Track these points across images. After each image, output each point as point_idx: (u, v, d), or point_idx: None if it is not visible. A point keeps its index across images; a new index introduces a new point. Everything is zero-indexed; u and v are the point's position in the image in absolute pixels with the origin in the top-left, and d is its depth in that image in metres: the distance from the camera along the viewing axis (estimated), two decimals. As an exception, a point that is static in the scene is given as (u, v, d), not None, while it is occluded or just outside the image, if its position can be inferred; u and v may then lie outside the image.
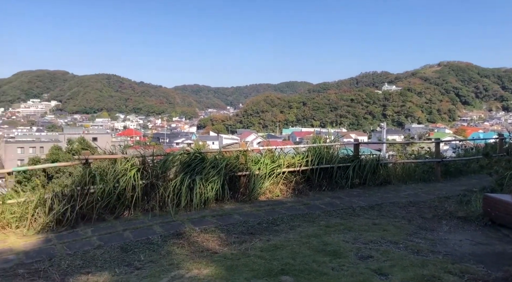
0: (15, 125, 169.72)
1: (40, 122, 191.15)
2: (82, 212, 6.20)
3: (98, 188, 6.35)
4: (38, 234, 5.74)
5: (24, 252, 5.06)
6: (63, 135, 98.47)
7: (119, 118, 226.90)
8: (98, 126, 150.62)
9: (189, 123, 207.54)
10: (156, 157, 7.31)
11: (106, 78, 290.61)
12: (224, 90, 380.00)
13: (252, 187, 7.51)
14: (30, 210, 5.97)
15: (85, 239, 5.47)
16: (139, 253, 4.88)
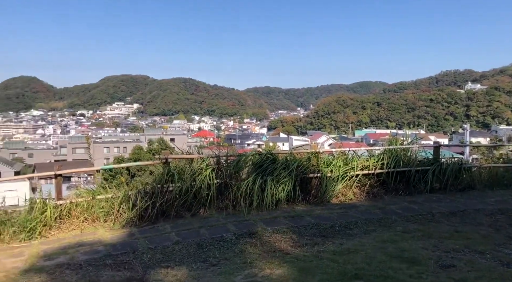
0: (102, 126, 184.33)
1: (123, 124, 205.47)
2: (162, 209, 6.56)
3: (176, 186, 6.68)
4: (123, 228, 6.18)
5: (111, 244, 5.48)
6: (144, 136, 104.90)
7: (194, 120, 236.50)
8: (175, 128, 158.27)
9: (259, 124, 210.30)
10: (230, 157, 7.51)
11: (182, 82, 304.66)
12: (294, 91, 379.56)
13: (324, 189, 7.42)
14: (116, 206, 6.45)
15: (164, 235, 5.79)
16: (214, 250, 5.05)
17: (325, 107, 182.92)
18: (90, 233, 6.06)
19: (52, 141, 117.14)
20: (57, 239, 5.86)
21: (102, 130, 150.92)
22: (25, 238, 5.84)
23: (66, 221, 6.30)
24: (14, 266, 4.82)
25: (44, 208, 6.17)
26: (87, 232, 6.11)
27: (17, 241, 5.81)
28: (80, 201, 6.48)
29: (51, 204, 6.27)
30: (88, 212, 6.43)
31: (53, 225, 6.18)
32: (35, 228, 5.94)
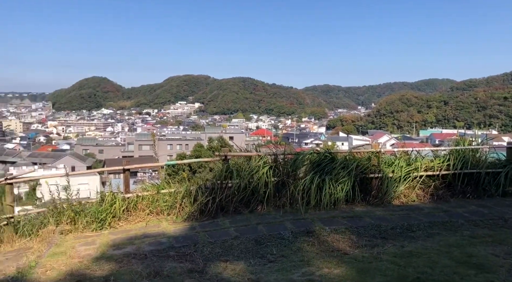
0: (165, 124, 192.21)
1: (185, 122, 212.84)
2: (221, 204, 6.74)
3: (235, 182, 6.84)
4: (185, 222, 6.44)
5: (173, 237, 5.74)
6: (204, 134, 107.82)
7: (252, 119, 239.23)
8: (234, 126, 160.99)
9: (318, 123, 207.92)
10: (287, 156, 7.53)
11: (241, 81, 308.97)
12: (355, 89, 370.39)
13: (385, 190, 7.20)
14: (179, 200, 6.73)
15: (223, 229, 5.95)
16: (271, 247, 5.11)
17: (387, 106, 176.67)
18: (155, 226, 6.37)
19: (121, 138, 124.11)
20: (125, 230, 6.24)
21: (166, 128, 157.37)
22: (96, 228, 6.28)
23: (133, 213, 6.69)
24: (87, 253, 5.21)
25: (113, 200, 6.59)
26: (151, 224, 6.44)
27: (90, 230, 6.26)
28: (146, 195, 6.84)
29: (120, 197, 6.68)
30: (153, 205, 6.78)
31: (121, 216, 6.58)
32: (105, 219, 6.36)
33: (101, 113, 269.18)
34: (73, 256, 5.10)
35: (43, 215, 6.63)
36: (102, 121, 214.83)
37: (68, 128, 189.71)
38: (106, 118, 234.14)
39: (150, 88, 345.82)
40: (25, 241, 6.20)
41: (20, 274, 4.62)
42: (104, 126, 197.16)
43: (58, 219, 6.40)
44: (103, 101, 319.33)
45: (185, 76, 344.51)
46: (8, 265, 5.12)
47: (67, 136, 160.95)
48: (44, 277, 4.49)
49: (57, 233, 5.99)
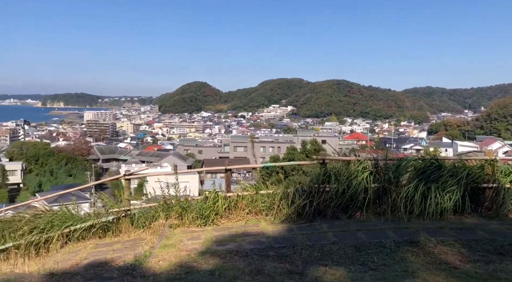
0: (259, 127, 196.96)
1: (278, 125, 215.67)
2: (318, 208, 6.72)
3: (333, 187, 6.76)
4: (282, 223, 6.55)
5: (272, 237, 5.87)
6: (297, 137, 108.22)
7: (346, 122, 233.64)
8: (327, 130, 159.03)
9: (418, 128, 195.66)
10: (388, 161, 7.24)
11: (336, 84, 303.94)
12: (461, 92, 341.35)
13: (501, 202, 6.54)
14: (277, 201, 6.87)
15: (321, 234, 5.93)
16: (372, 255, 4.96)
17: (500, 110, 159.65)
18: (254, 225, 6.59)
19: (217, 139, 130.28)
20: (226, 227, 6.55)
21: (259, 130, 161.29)
22: (201, 224, 6.68)
23: (233, 212, 6.99)
24: (193, 247, 5.58)
25: (216, 199, 6.96)
26: (250, 224, 6.67)
27: (195, 226, 6.69)
28: (246, 195, 7.11)
29: (222, 196, 7.03)
30: (252, 205, 7.01)
31: (223, 214, 6.92)
32: (208, 216, 6.75)
33: (200, 116, 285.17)
34: (181, 249, 5.50)
35: (155, 209, 7.25)
36: (201, 124, 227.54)
37: (171, 129, 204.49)
38: (205, 121, 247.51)
39: (245, 92, 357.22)
40: (140, 232, 6.84)
41: (137, 262, 5.12)
42: (203, 128, 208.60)
43: (167, 214, 6.96)
44: (203, 105, 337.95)
45: (279, 80, 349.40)
46: (127, 253, 5.71)
47: (170, 137, 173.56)
48: (157, 266, 4.92)
49: (167, 226, 6.51)
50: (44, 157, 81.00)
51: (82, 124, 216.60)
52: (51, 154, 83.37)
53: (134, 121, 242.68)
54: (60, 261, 5.71)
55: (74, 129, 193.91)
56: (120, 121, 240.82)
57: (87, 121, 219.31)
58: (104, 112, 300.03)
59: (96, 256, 5.75)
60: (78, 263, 5.48)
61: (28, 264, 6.08)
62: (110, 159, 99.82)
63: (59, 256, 6.08)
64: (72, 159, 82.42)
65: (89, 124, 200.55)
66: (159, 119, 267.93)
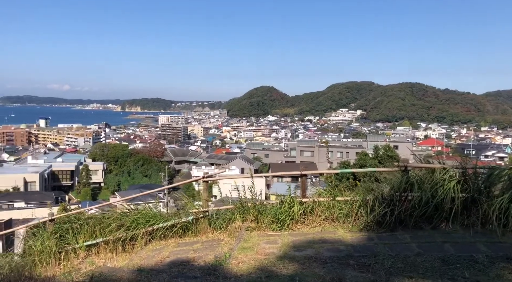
0: (326, 131, 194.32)
1: (346, 129, 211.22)
2: (400, 217, 6.42)
3: (415, 195, 6.43)
4: (361, 231, 6.35)
5: (351, 246, 5.71)
6: (366, 142, 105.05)
7: (420, 127, 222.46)
8: (399, 135, 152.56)
9: (502, 134, 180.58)
10: (477, 170, 6.73)
11: (409, 87, 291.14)
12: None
13: None
14: (355, 209, 6.68)
15: (404, 244, 5.65)
16: (462, 270, 4.63)
17: None
18: (330, 232, 6.46)
19: (284, 143, 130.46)
20: (302, 233, 6.49)
21: (326, 135, 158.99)
22: (276, 228, 6.69)
23: (309, 218, 6.91)
24: (271, 251, 5.60)
25: (292, 203, 6.93)
26: (327, 230, 6.55)
27: (270, 230, 6.71)
28: (322, 201, 7.00)
29: (297, 201, 6.99)
30: (328, 212, 6.89)
31: (298, 219, 6.87)
32: (284, 220, 6.74)
33: (267, 120, 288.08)
34: (259, 252, 5.54)
35: (231, 211, 7.40)
36: (268, 128, 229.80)
37: (239, 133, 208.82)
38: (271, 125, 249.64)
39: (312, 96, 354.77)
40: (217, 233, 7.02)
41: (218, 263, 5.24)
42: (270, 132, 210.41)
43: (244, 216, 7.06)
44: (270, 109, 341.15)
45: (347, 83, 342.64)
46: (207, 253, 5.88)
47: (238, 140, 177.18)
48: (236, 268, 5.01)
49: (244, 229, 6.61)
50: (123, 158, 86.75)
51: (157, 127, 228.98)
52: (129, 155, 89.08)
53: (204, 125, 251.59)
54: (145, 258, 6.03)
55: (149, 132, 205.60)
56: (191, 125, 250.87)
57: (161, 125, 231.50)
58: (176, 116, 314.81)
59: (178, 255, 5.98)
60: (162, 261, 5.74)
61: (116, 259, 6.49)
62: (182, 161, 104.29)
63: (144, 253, 6.43)
64: (148, 160, 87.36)
65: (163, 128, 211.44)
66: (227, 123, 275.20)
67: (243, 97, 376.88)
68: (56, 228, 7.08)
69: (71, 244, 6.98)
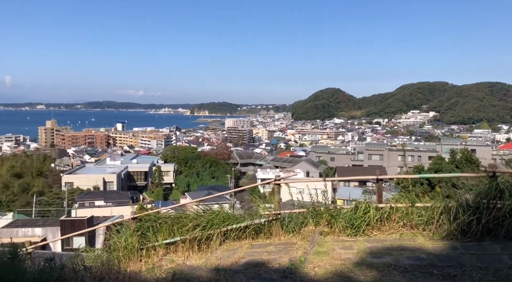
0: (396, 134, 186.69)
1: (418, 132, 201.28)
2: (488, 226, 5.96)
3: (506, 204, 5.93)
4: (443, 240, 5.98)
5: (433, 254, 5.40)
6: (440, 145, 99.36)
7: (501, 130, 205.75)
8: (476, 138, 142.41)
9: None
10: None
11: (488, 87, 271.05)
12: None
13: None
14: (436, 216, 6.31)
15: (494, 255, 5.23)
16: None
17: None
18: (409, 239, 6.16)
19: (350, 146, 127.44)
20: (379, 239, 6.26)
21: (396, 138, 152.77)
22: (351, 234, 6.52)
23: (385, 224, 6.65)
24: (347, 257, 5.46)
25: (367, 209, 6.72)
26: (406, 238, 6.25)
27: (345, 235, 6.56)
28: (399, 207, 6.71)
29: (373, 206, 6.76)
30: (406, 218, 6.58)
31: (374, 225, 6.64)
32: (359, 226, 6.54)
33: (333, 122, 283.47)
34: (335, 257, 5.43)
35: (303, 215, 7.34)
36: (333, 130, 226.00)
37: (303, 136, 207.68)
38: (337, 128, 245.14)
39: (381, 97, 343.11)
40: (290, 237, 7.01)
41: (293, 266, 5.22)
42: (335, 135, 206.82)
43: (317, 221, 6.97)
44: (335, 111, 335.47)
45: (419, 83, 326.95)
46: (281, 256, 5.88)
47: (302, 143, 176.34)
48: (312, 272, 4.95)
49: (317, 233, 6.52)
50: (192, 160, 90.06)
51: (224, 130, 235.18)
52: (198, 157, 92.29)
53: (269, 128, 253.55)
54: (221, 258, 6.18)
55: (216, 135, 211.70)
56: (256, 128, 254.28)
57: (227, 128, 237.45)
58: (242, 119, 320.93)
59: (252, 256, 6.05)
60: (237, 261, 5.85)
61: (193, 257, 6.73)
62: (247, 163, 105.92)
63: (219, 252, 6.59)
64: (215, 162, 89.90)
65: (229, 131, 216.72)
66: (292, 126, 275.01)
67: (308, 99, 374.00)
68: (138, 226, 7.51)
69: (151, 241, 7.35)
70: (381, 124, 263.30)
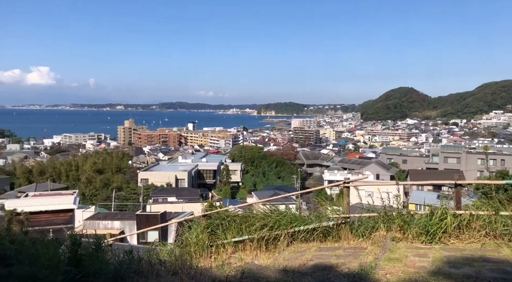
0: (475, 136, 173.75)
1: (501, 134, 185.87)
2: None
3: None
4: (532, 253, 5.46)
5: (521, 268, 4.95)
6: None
7: None
8: None
9: None
10: None
11: None
12: None
13: None
14: (525, 226, 5.78)
15: None
16: None
17: None
18: (493, 250, 5.70)
19: (424, 148, 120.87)
20: (457, 249, 5.86)
21: (476, 140, 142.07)
22: (426, 241, 6.17)
23: (464, 232, 6.22)
24: (421, 265, 5.18)
25: (444, 215, 6.33)
26: (488, 248, 5.79)
27: (419, 242, 6.22)
28: (481, 214, 6.23)
29: (451, 212, 6.35)
30: (489, 227, 6.09)
31: (452, 233, 6.23)
32: (435, 233, 6.18)
33: (405, 123, 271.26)
34: (408, 265, 5.18)
35: (374, 220, 7.10)
36: (406, 131, 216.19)
37: (373, 137, 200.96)
38: (410, 128, 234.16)
39: (459, 97, 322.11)
40: (359, 241, 6.80)
41: (363, 272, 5.06)
42: (408, 136, 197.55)
43: (388, 226, 6.70)
44: (408, 111, 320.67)
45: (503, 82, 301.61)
46: (350, 261, 5.74)
47: (372, 144, 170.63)
48: (384, 279, 4.76)
49: (389, 239, 6.27)
50: (258, 160, 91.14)
51: (290, 131, 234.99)
52: (264, 157, 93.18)
53: (336, 129, 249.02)
54: (288, 259, 6.17)
55: (282, 135, 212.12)
56: (323, 128, 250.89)
57: (294, 128, 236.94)
58: (309, 120, 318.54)
59: (321, 259, 5.97)
60: (305, 263, 5.80)
61: (261, 257, 6.79)
62: (313, 164, 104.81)
63: (286, 253, 6.59)
64: (281, 163, 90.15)
65: (295, 131, 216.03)
66: (361, 126, 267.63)
67: (379, 99, 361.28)
68: (208, 223, 7.74)
69: (220, 239, 7.54)
70: (459, 126, 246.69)
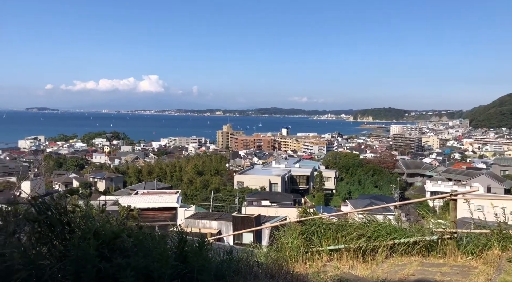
0: None
1: None
2: None
3: None
4: None
5: None
6: None
7: None
8: None
9: None
10: None
11: None
12: None
13: None
14: None
15: None
16: None
17: None
18: None
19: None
20: None
21: None
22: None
23: None
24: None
25: None
26: None
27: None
28: None
29: None
30: None
31: None
32: None
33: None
34: (528, 290, 4.63)
35: (486, 237, 6.47)
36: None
37: (484, 146, 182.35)
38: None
39: None
40: (468, 259, 6.25)
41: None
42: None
43: (503, 245, 6.06)
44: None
45: None
46: (457, 279, 5.31)
47: (483, 154, 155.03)
48: (498, 304, 4.31)
49: (504, 259, 5.67)
50: (354, 167, 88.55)
51: (388, 138, 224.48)
52: (360, 164, 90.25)
53: (441, 136, 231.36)
54: (387, 272, 5.91)
55: (380, 142, 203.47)
56: (426, 135, 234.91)
57: (393, 135, 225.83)
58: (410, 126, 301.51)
59: (423, 275, 5.62)
60: (405, 278, 5.51)
61: (358, 267, 6.60)
62: (414, 174, 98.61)
63: (385, 266, 6.31)
64: (378, 171, 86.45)
65: (394, 138, 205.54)
66: (469, 134, 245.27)
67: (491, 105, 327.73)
68: (303, 229, 7.75)
69: (315, 246, 7.49)
70: None
